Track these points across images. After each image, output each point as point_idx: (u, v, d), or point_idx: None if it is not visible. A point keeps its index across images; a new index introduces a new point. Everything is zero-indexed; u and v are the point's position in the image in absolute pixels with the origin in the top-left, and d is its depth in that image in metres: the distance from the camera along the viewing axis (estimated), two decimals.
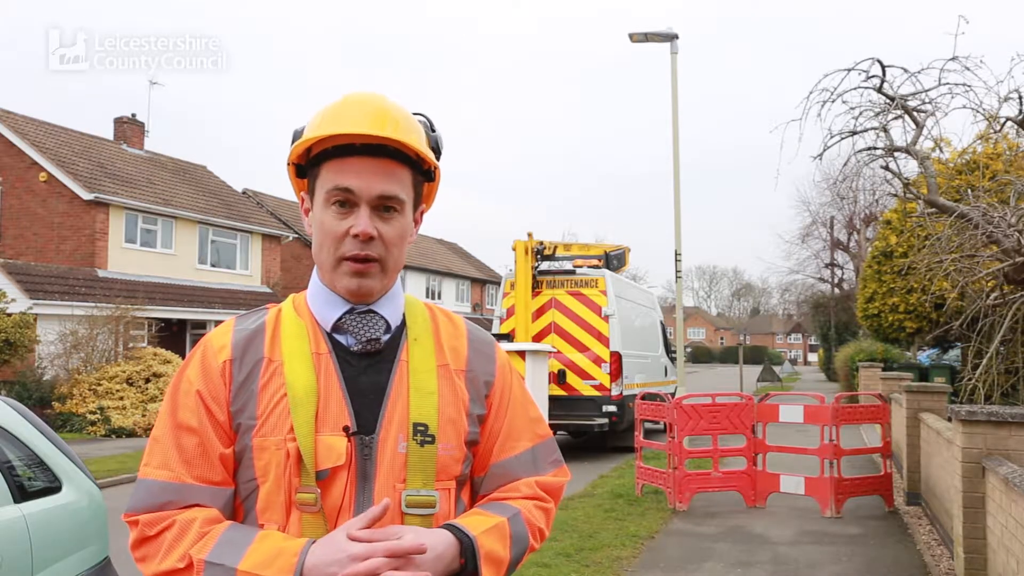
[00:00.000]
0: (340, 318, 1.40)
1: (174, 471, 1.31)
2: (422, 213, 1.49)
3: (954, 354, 21.24)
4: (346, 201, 1.35)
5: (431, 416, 1.36)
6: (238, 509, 1.36)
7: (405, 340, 1.43)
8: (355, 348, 1.39)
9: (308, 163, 1.41)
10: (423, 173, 1.44)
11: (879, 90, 8.81)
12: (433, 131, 1.48)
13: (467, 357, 1.48)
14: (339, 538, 1.22)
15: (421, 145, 1.40)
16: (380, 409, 1.35)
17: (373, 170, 1.35)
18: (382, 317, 1.41)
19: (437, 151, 1.47)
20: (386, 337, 1.41)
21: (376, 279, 1.38)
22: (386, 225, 1.37)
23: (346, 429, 1.32)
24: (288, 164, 1.45)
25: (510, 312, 13.27)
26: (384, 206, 1.36)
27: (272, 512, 1.30)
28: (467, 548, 1.30)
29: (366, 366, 1.38)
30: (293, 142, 1.44)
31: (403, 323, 1.45)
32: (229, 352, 1.38)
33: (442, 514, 1.35)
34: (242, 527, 1.30)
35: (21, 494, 3.33)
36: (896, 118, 9.01)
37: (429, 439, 1.35)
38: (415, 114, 1.48)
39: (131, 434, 15.61)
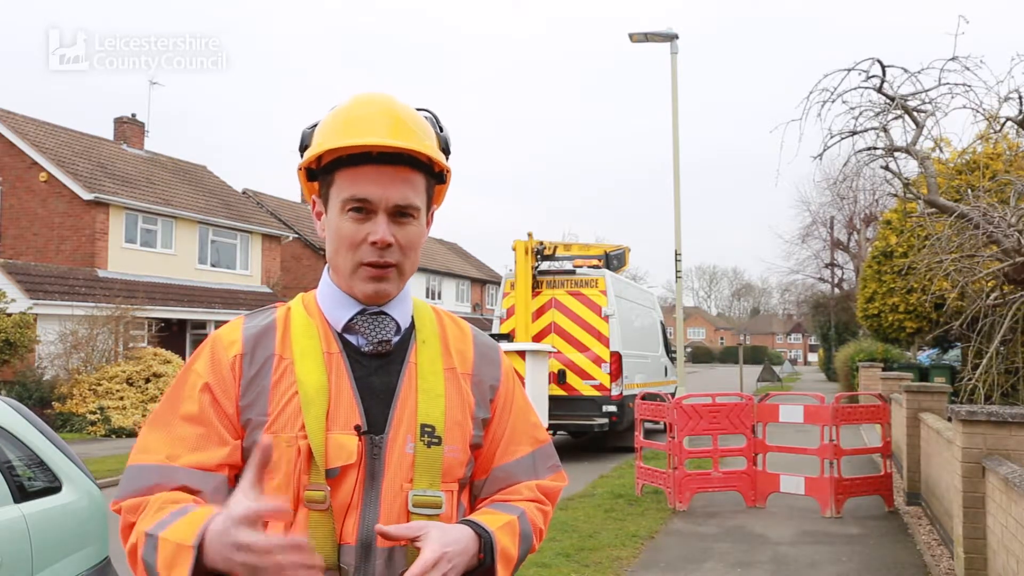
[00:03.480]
0: (352, 319, 1.40)
1: (161, 454, 1.30)
2: (433, 213, 1.50)
3: (954, 354, 21.24)
4: (363, 208, 1.35)
5: (438, 418, 1.37)
6: None
7: (414, 342, 1.44)
8: (366, 349, 1.39)
9: (321, 169, 1.41)
10: (435, 176, 1.44)
11: (879, 90, 8.81)
12: (441, 130, 1.47)
13: (473, 361, 1.49)
14: (230, 506, 1.17)
15: (435, 151, 1.40)
16: (389, 409, 1.36)
17: (390, 179, 1.35)
18: (393, 319, 1.42)
19: (446, 150, 1.47)
20: (396, 339, 1.42)
21: (393, 283, 1.40)
22: (402, 231, 1.37)
23: (357, 428, 1.33)
24: (299, 169, 1.45)
25: (510, 312, 13.27)
26: (400, 212, 1.37)
27: None
28: (486, 544, 1.32)
29: (376, 367, 1.39)
30: (302, 143, 1.44)
31: (412, 325, 1.46)
32: (240, 347, 1.38)
33: (445, 515, 1.36)
34: (195, 506, 1.25)
35: (21, 494, 3.33)
36: (896, 118, 9.01)
37: (436, 440, 1.36)
38: (421, 110, 1.47)
39: (131, 434, 15.60)
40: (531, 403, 1.61)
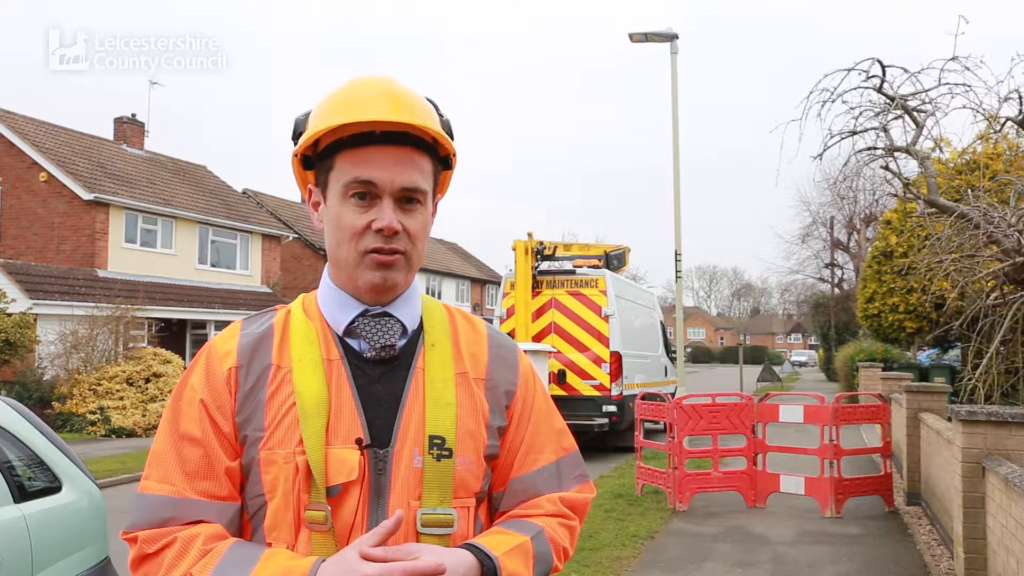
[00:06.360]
0: (353, 321, 1.30)
1: (176, 485, 1.22)
2: (437, 203, 1.40)
3: (954, 354, 21.26)
4: (366, 193, 1.25)
5: (449, 429, 1.27)
6: (246, 526, 1.27)
7: (422, 346, 1.33)
8: (369, 354, 1.29)
9: (318, 154, 1.30)
10: (441, 160, 1.34)
11: (879, 90, 8.81)
12: (442, 116, 1.36)
13: (487, 365, 1.38)
14: (350, 556, 1.12)
15: (441, 131, 1.30)
16: (395, 420, 1.26)
17: (395, 160, 1.25)
18: (398, 320, 1.31)
19: (449, 136, 1.36)
20: (402, 342, 1.32)
21: (401, 273, 1.29)
22: (409, 218, 1.27)
23: (359, 442, 1.23)
24: (294, 156, 1.34)
25: (510, 312, 13.27)
26: (407, 198, 1.27)
27: (280, 530, 1.22)
28: (488, 571, 1.20)
29: (380, 374, 1.29)
30: (295, 132, 1.33)
31: (420, 327, 1.35)
32: (235, 359, 1.28)
33: (460, 534, 1.26)
34: (247, 544, 1.21)
35: (21, 494, 3.32)
36: (896, 118, 9.01)
37: (446, 453, 1.26)
38: None
39: (131, 434, 15.61)
40: (555, 407, 1.47)
